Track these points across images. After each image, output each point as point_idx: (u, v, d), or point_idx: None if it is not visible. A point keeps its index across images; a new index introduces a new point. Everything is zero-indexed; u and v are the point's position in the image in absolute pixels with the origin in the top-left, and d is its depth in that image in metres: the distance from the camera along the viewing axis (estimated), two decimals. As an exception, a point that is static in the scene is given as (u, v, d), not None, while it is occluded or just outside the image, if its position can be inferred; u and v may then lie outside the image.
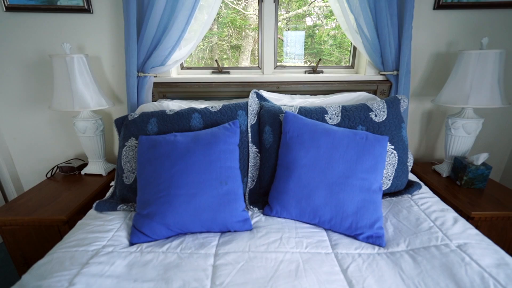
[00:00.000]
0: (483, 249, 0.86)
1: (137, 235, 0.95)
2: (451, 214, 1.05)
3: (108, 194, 1.26)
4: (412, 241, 0.92)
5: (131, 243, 0.95)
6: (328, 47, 1.93)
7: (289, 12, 1.90)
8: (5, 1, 1.48)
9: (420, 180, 1.54)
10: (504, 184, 1.86)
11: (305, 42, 1.91)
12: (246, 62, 2.05)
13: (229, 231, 1.00)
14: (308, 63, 1.91)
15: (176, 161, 1.01)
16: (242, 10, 1.89)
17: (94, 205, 1.12)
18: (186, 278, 0.79)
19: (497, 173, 1.89)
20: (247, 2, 1.91)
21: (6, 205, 1.33)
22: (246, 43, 2.05)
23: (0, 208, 1.30)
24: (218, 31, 1.93)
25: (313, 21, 1.94)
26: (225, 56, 2.08)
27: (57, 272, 0.79)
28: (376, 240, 0.93)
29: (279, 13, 1.69)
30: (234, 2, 1.87)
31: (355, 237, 0.96)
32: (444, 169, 1.58)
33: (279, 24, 1.75)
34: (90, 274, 0.79)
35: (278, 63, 1.81)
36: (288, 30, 1.91)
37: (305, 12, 1.88)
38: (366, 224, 0.94)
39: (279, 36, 1.94)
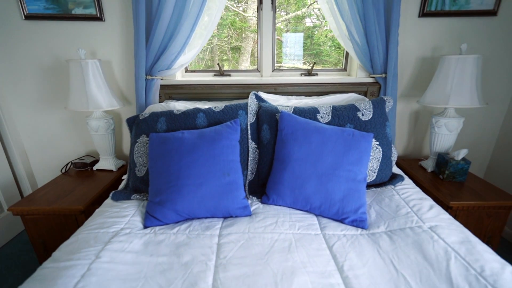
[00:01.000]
0: (451, 230, 1.01)
1: (150, 220, 1.10)
2: (428, 202, 1.20)
3: (121, 185, 1.41)
4: (391, 224, 1.07)
5: (145, 227, 1.09)
6: (328, 47, 2.04)
7: (289, 13, 2.02)
8: (24, 10, 1.63)
9: (407, 174, 1.68)
10: (488, 179, 2.01)
11: (304, 43, 2.03)
12: (246, 63, 2.19)
13: (231, 217, 1.15)
14: (308, 64, 2.05)
15: (183, 155, 1.15)
16: (242, 12, 2.02)
17: (110, 195, 1.27)
18: (194, 253, 0.93)
19: (481, 170, 2.04)
20: (247, 5, 2.05)
21: (28, 196, 1.47)
22: (246, 44, 2.18)
23: (23, 200, 1.44)
24: (218, 33, 2.06)
25: (312, 22, 2.04)
26: (225, 57, 2.22)
27: (84, 249, 0.94)
28: (359, 223, 1.07)
29: (279, 14, 1.83)
30: (234, 5, 2.01)
31: (341, 221, 1.10)
32: (429, 165, 1.73)
33: (279, 25, 1.89)
34: (113, 250, 0.93)
35: (278, 64, 1.95)
36: (288, 31, 2.04)
37: (304, 13, 2.00)
38: (351, 209, 1.09)
39: (278, 37, 2.08)
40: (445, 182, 1.58)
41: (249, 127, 1.36)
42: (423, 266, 0.86)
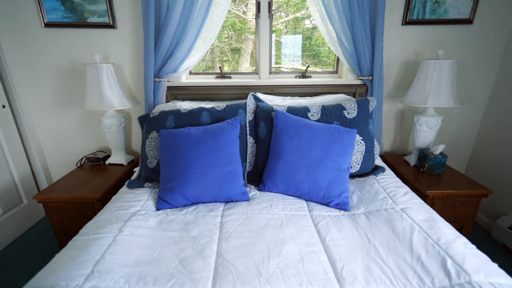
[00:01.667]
0: (419, 211, 1.20)
1: (162, 203, 1.29)
2: (404, 189, 1.39)
3: (134, 176, 1.60)
4: (369, 206, 1.26)
5: (158, 209, 1.28)
6: (326, 49, 2.21)
7: (288, 15, 2.19)
8: (44, 19, 1.82)
9: (392, 168, 1.87)
10: (469, 174, 2.20)
11: (303, 44, 2.20)
12: (246, 64, 2.36)
13: (232, 201, 1.33)
14: (306, 65, 2.23)
15: (190, 148, 1.34)
16: (242, 15, 2.20)
17: (126, 183, 1.46)
18: (201, 229, 1.12)
19: (463, 165, 2.23)
20: (246, 8, 2.23)
21: (49, 187, 1.66)
22: (246, 46, 2.36)
23: (45, 189, 1.63)
24: (218, 34, 2.22)
25: (312, 23, 2.21)
26: (225, 58, 2.39)
27: (108, 225, 1.13)
28: (342, 206, 1.26)
29: (278, 16, 2.01)
30: (234, 7, 2.19)
31: (327, 204, 1.29)
32: (412, 159, 1.91)
33: (278, 26, 2.07)
34: (132, 226, 1.12)
35: (277, 65, 2.14)
36: (287, 32, 2.22)
37: (303, 15, 2.16)
38: (335, 194, 1.28)
39: (277, 39, 2.25)
40: (425, 174, 1.77)
41: (247, 124, 1.55)
42: (391, 238, 1.05)
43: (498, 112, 1.96)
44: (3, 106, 1.89)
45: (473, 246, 1.01)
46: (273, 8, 1.95)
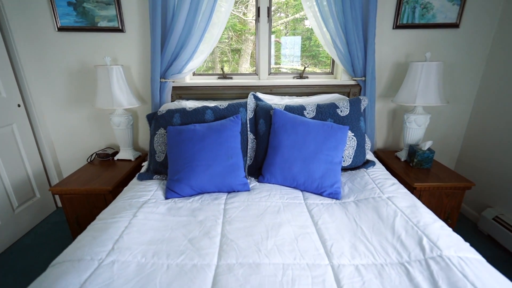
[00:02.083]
0: (403, 199, 1.33)
1: (170, 193, 1.43)
2: (391, 181, 1.53)
3: (143, 169, 1.74)
4: (358, 195, 1.40)
5: (167, 198, 1.42)
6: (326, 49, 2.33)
7: (288, 16, 2.32)
8: (57, 24, 1.96)
9: (384, 164, 2.01)
10: (458, 170, 2.34)
11: (302, 44, 2.33)
12: (246, 65, 2.49)
13: (234, 191, 1.47)
14: (305, 65, 2.36)
15: (196, 143, 1.48)
16: (242, 16, 2.33)
17: (136, 176, 1.60)
18: (207, 214, 1.26)
19: (452, 161, 2.37)
20: (246, 9, 2.36)
21: (63, 180, 1.80)
22: (246, 46, 2.49)
23: (60, 182, 1.77)
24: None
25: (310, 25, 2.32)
26: (225, 59, 2.52)
27: (123, 211, 1.26)
28: (334, 195, 1.40)
29: (278, 16, 2.15)
30: (234, 9, 2.32)
31: (320, 194, 1.43)
32: (402, 155, 2.05)
33: (278, 27, 2.20)
34: (145, 212, 1.26)
35: (277, 66, 2.28)
36: (287, 33, 2.35)
37: (303, 16, 2.28)
38: (328, 185, 1.42)
39: (277, 39, 2.38)
40: (414, 169, 1.91)
41: (248, 122, 1.69)
42: (376, 221, 1.18)
43: (485, 111, 2.10)
44: (18, 105, 2.03)
45: (449, 229, 1.15)
46: (272, 9, 2.08)
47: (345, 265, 0.97)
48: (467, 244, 1.05)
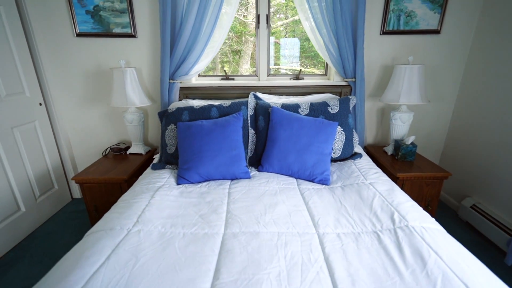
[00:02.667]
0: (383, 184, 1.57)
1: (181, 180, 1.66)
2: (375, 170, 1.76)
3: (155, 160, 1.98)
4: (345, 182, 1.63)
5: (178, 184, 1.65)
6: None
7: (288, 17, 2.55)
8: (75, 30, 2.20)
9: (373, 157, 2.24)
10: (443, 164, 2.57)
11: (302, 45, 2.56)
12: (246, 65, 2.72)
13: (237, 178, 1.70)
14: (305, 66, 2.59)
15: (203, 137, 1.71)
16: (243, 18, 2.56)
17: (150, 166, 1.84)
18: (214, 197, 1.49)
19: (437, 156, 2.60)
20: (246, 11, 2.59)
21: (83, 171, 2.03)
22: (246, 47, 2.72)
23: (80, 173, 2.00)
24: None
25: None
26: (225, 59, 2.74)
27: (141, 194, 1.50)
28: (324, 181, 1.63)
29: (278, 17, 2.38)
30: (235, 11, 2.53)
31: (312, 180, 1.66)
32: (389, 149, 2.28)
33: (278, 28, 2.44)
34: (161, 194, 1.49)
35: (276, 66, 2.51)
36: (287, 34, 2.58)
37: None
38: (318, 172, 1.65)
39: (277, 40, 2.61)
40: (399, 161, 2.14)
41: (249, 118, 1.92)
42: (358, 201, 1.42)
43: (465, 109, 2.33)
44: (40, 104, 2.27)
45: (420, 208, 1.37)
46: (272, 10, 2.31)
47: (328, 233, 1.20)
48: (433, 219, 1.28)
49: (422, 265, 0.98)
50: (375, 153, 2.30)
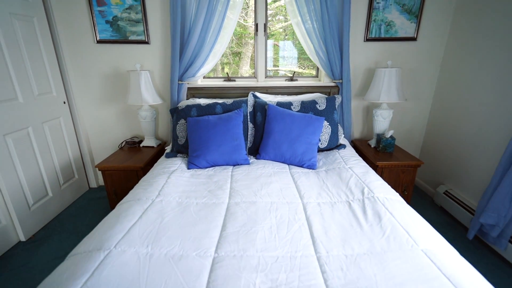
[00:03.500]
0: (360, 168, 1.91)
1: (191, 165, 2.01)
2: (355, 157, 2.11)
3: (168, 150, 2.33)
4: (329, 166, 1.98)
5: (189, 168, 2.00)
6: None
7: (287, 20, 2.89)
8: (96, 37, 2.55)
9: (358, 150, 2.59)
10: (422, 157, 2.91)
11: (300, 48, 2.90)
12: (246, 67, 3.07)
13: (238, 164, 2.05)
14: (303, 68, 2.93)
15: (209, 129, 2.06)
16: (243, 22, 2.90)
17: (164, 154, 2.20)
18: (219, 177, 1.84)
19: (417, 150, 2.95)
20: (246, 16, 2.94)
21: (104, 160, 2.38)
22: (246, 49, 3.07)
23: (102, 161, 2.35)
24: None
25: None
26: (226, 61, 3.08)
27: (159, 176, 1.84)
28: (311, 166, 1.98)
29: (278, 19, 2.74)
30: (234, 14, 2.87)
31: (301, 166, 2.01)
32: (372, 142, 2.63)
33: (277, 30, 2.79)
34: (175, 176, 1.84)
35: (275, 68, 2.87)
36: (286, 36, 2.93)
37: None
38: (307, 159, 2.00)
39: (276, 43, 2.95)
40: (380, 152, 2.49)
41: (248, 114, 2.27)
42: (337, 181, 1.77)
43: (441, 108, 2.68)
44: (64, 102, 2.62)
45: (388, 186, 1.71)
46: (271, 13, 2.66)
47: (311, 202, 1.54)
48: (396, 193, 1.63)
49: (379, 220, 1.33)
50: (360, 146, 2.65)
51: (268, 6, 2.68)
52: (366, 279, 1.00)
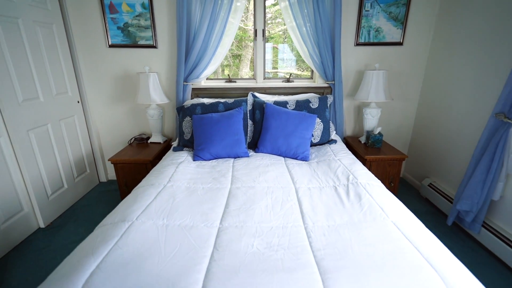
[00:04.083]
0: (348, 159, 2.17)
1: (196, 157, 2.26)
2: (344, 151, 2.37)
3: (175, 145, 2.58)
4: (320, 158, 2.23)
5: (194, 160, 2.25)
6: None
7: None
8: (108, 42, 2.82)
9: (349, 145, 2.85)
10: (410, 153, 3.17)
11: (297, 51, 3.16)
12: (246, 69, 3.32)
13: (239, 157, 2.31)
14: (301, 70, 3.19)
15: (213, 125, 2.31)
16: (243, 26, 3.16)
17: (172, 148, 2.45)
18: (222, 167, 2.09)
19: (405, 146, 3.20)
20: (246, 20, 3.20)
21: (116, 154, 2.63)
22: (246, 52, 3.33)
23: (114, 155, 2.60)
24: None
25: None
26: (225, 63, 3.33)
27: (168, 166, 2.10)
28: (304, 158, 2.24)
29: (277, 21, 3.00)
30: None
31: (295, 158, 2.27)
32: (362, 139, 2.89)
33: (277, 33, 3.06)
34: (183, 166, 2.10)
35: (274, 70, 3.13)
36: (285, 39, 3.19)
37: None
38: (300, 152, 2.25)
39: (275, 45, 3.20)
40: (369, 148, 2.74)
41: (248, 112, 2.52)
42: (327, 170, 2.02)
43: (426, 107, 2.94)
44: (78, 102, 2.88)
45: (372, 175, 1.96)
46: (271, 16, 2.93)
47: (302, 187, 1.80)
48: (379, 181, 1.88)
49: (359, 200, 1.59)
50: (352, 142, 2.91)
51: (268, 9, 2.95)
52: (343, 241, 1.25)
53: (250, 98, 2.60)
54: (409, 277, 1.03)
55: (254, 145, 2.51)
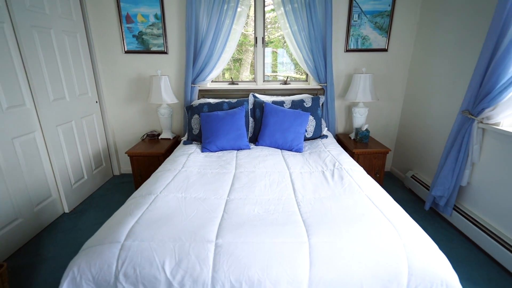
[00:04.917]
0: (337, 151, 2.55)
1: (204, 149, 2.64)
2: (334, 144, 2.74)
3: (184, 139, 2.96)
4: (312, 150, 2.61)
5: (202, 152, 2.63)
6: None
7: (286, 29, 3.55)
8: (124, 48, 3.21)
9: (340, 141, 3.23)
10: (397, 147, 3.54)
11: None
12: (246, 73, 3.71)
13: (241, 149, 2.68)
14: (300, 73, 3.58)
15: (218, 122, 2.69)
16: (244, 31, 3.55)
17: (182, 142, 2.83)
18: (227, 157, 2.47)
19: (392, 142, 3.58)
20: (247, 25, 3.59)
21: (132, 148, 3.01)
22: (246, 56, 3.72)
23: (130, 149, 2.97)
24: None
25: None
26: (226, 67, 3.71)
27: (181, 156, 2.47)
28: (298, 150, 2.62)
29: (274, 30, 3.39)
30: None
31: (290, 150, 2.64)
32: (352, 135, 3.27)
33: (277, 38, 3.45)
34: (193, 156, 2.47)
35: (274, 73, 3.52)
36: (285, 43, 3.58)
37: None
38: (295, 144, 2.63)
39: (274, 50, 3.59)
40: (357, 143, 3.12)
41: (249, 110, 2.90)
42: (317, 159, 2.39)
43: (410, 107, 3.33)
44: (96, 102, 3.26)
45: (356, 163, 2.33)
46: (270, 21, 3.32)
47: (295, 172, 2.17)
48: (361, 168, 2.25)
49: (341, 180, 1.96)
50: (343, 139, 3.29)
51: (268, 15, 3.34)
52: (325, 208, 1.62)
53: (251, 98, 2.98)
54: (372, 228, 1.40)
55: (255, 139, 2.89)
